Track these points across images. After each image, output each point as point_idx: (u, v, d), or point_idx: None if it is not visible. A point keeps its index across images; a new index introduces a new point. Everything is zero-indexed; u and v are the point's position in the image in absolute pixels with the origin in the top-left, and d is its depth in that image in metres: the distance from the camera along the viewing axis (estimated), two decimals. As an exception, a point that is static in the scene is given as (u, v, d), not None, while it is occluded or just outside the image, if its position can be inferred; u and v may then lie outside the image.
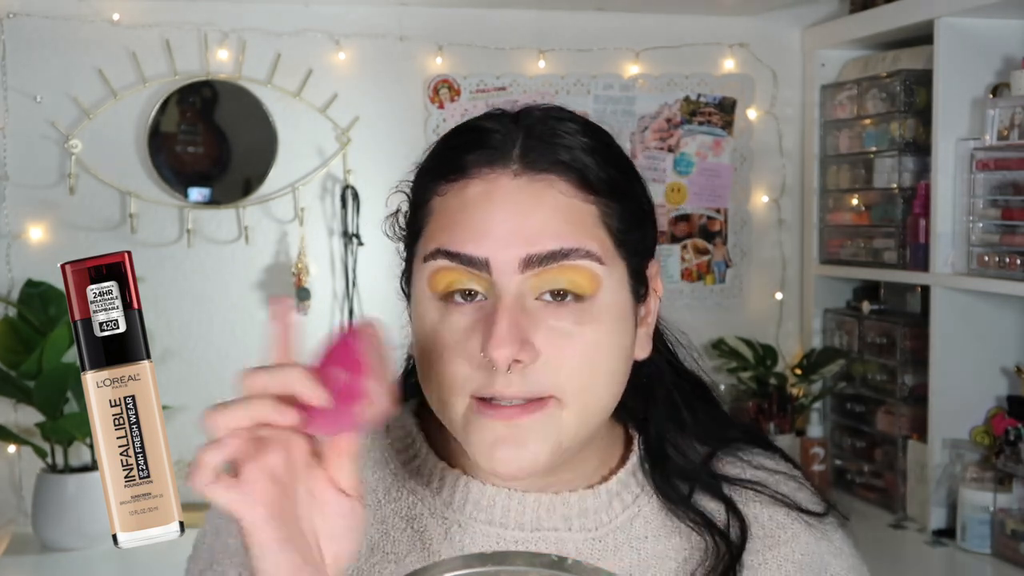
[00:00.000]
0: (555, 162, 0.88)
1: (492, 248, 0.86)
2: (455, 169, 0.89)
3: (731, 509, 0.97)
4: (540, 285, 0.86)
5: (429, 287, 0.89)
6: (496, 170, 0.88)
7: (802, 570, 0.97)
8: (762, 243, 3.19)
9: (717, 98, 3.13)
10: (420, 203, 0.93)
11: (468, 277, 0.87)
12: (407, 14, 2.95)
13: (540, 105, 0.93)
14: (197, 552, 1.00)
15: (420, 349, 0.91)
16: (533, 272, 0.86)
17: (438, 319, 0.88)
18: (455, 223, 0.88)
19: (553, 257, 0.86)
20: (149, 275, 2.84)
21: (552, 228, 0.86)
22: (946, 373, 2.61)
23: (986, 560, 2.46)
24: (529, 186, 0.87)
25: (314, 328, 2.92)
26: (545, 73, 3.02)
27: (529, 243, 0.85)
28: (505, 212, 0.86)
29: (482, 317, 0.86)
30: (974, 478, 2.50)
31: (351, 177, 2.92)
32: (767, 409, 2.99)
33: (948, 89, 2.57)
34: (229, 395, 2.50)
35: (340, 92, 2.91)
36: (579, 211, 0.88)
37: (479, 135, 0.90)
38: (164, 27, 2.83)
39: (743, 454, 1.02)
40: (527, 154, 0.88)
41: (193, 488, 0.75)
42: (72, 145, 2.78)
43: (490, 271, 0.86)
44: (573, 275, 0.86)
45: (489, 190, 0.87)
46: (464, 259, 0.86)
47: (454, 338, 0.87)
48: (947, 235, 2.59)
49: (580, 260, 0.86)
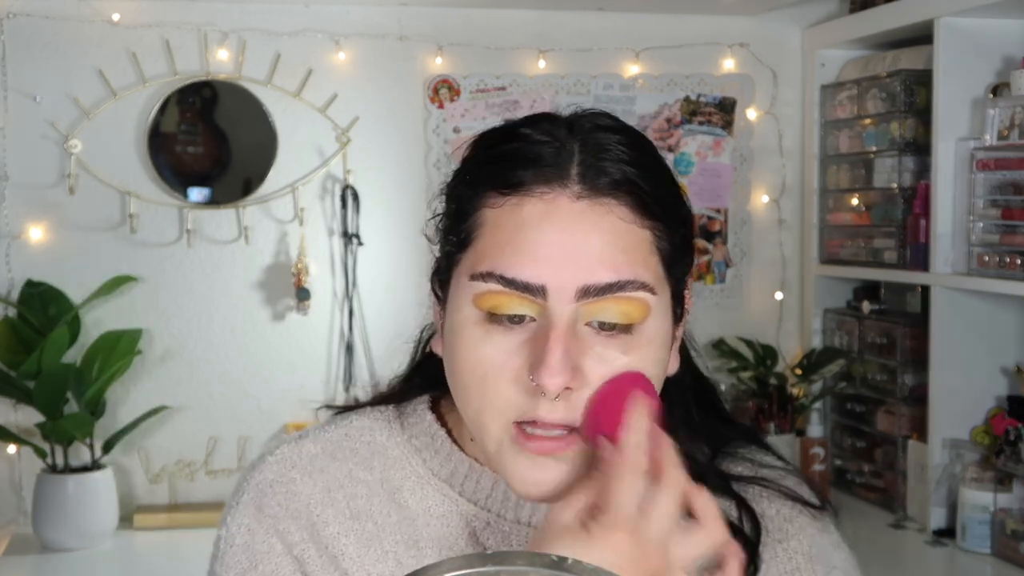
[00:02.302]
0: (614, 184, 0.86)
1: (549, 275, 0.84)
2: (510, 183, 0.87)
3: (742, 506, 0.98)
4: (592, 313, 0.85)
5: (475, 304, 0.87)
6: (554, 189, 0.85)
7: (811, 561, 0.98)
8: (762, 243, 3.19)
9: (717, 98, 3.13)
10: (467, 211, 0.90)
11: (520, 302, 0.85)
12: (407, 14, 2.95)
13: (588, 112, 0.91)
14: (227, 554, 0.97)
15: (457, 362, 0.89)
16: (587, 301, 0.85)
17: (482, 337, 0.87)
18: (510, 245, 0.85)
19: (610, 288, 0.85)
20: (149, 275, 2.84)
21: (609, 257, 0.85)
22: (946, 373, 2.61)
23: (986, 560, 2.46)
24: (590, 210, 0.85)
25: (314, 328, 2.92)
26: (545, 73, 3.02)
27: (588, 273, 0.84)
28: (564, 237, 0.84)
29: (529, 339, 0.85)
30: (974, 478, 2.50)
31: (351, 177, 2.92)
32: (767, 409, 2.98)
33: (948, 89, 2.57)
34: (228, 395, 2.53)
35: (340, 92, 2.91)
36: (636, 237, 0.86)
37: (533, 147, 0.88)
38: (164, 27, 2.83)
39: (745, 453, 1.03)
40: (586, 173, 0.86)
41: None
42: (72, 145, 2.77)
43: (545, 297, 0.84)
44: (626, 306, 0.85)
45: (548, 211, 0.85)
46: (519, 285, 0.84)
47: (499, 359, 0.86)
48: (947, 235, 2.58)
49: (635, 292, 0.85)
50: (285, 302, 2.90)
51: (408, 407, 1.02)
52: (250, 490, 0.98)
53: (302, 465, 0.98)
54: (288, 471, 0.98)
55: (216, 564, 0.98)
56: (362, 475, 0.98)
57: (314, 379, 2.92)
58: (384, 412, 1.03)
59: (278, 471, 0.98)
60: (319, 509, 0.96)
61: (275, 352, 2.91)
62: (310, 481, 0.97)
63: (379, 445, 1.00)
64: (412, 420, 1.01)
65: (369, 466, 0.99)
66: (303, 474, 0.98)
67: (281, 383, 2.91)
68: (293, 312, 2.90)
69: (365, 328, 2.93)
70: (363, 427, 1.01)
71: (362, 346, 2.93)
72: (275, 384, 2.91)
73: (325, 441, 1.00)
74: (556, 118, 0.91)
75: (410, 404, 1.02)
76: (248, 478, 1.00)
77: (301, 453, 0.99)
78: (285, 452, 1.00)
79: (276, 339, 2.91)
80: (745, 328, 3.14)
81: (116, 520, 2.67)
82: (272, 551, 0.95)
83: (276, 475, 0.98)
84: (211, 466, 2.86)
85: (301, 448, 1.00)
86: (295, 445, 1.00)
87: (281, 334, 2.91)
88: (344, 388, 2.91)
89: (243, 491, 0.99)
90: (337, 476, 0.98)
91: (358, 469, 0.98)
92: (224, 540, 0.98)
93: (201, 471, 2.86)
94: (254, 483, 0.98)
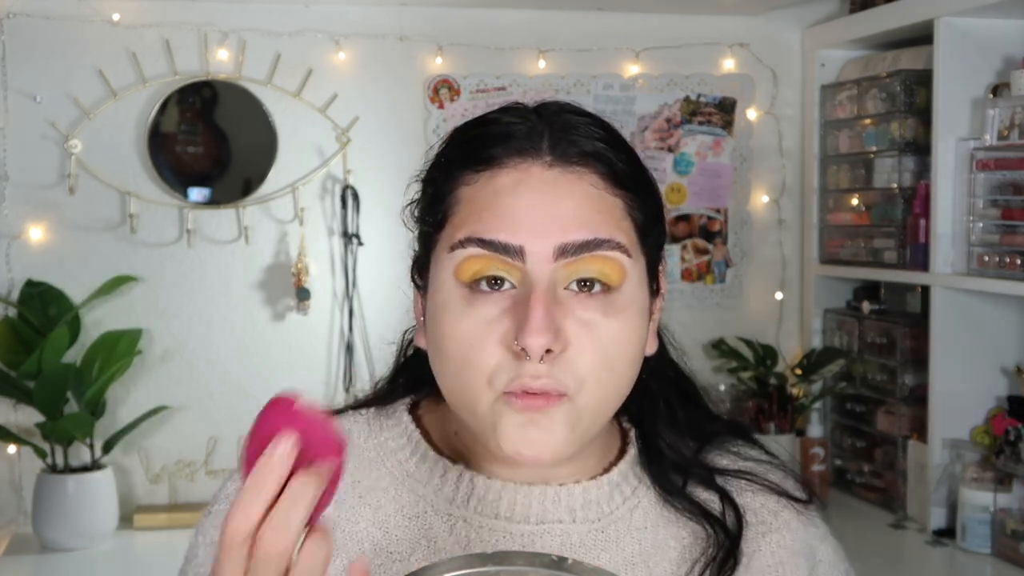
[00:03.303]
0: (584, 154, 0.89)
1: (526, 236, 0.86)
2: (484, 159, 0.90)
3: (725, 498, 0.99)
4: (571, 274, 0.87)
5: (456, 275, 0.88)
6: (527, 160, 0.89)
7: (794, 555, 0.99)
8: (762, 243, 3.19)
9: (717, 98, 3.13)
10: (443, 193, 0.92)
11: (500, 264, 0.87)
12: (407, 14, 2.95)
13: (554, 100, 0.95)
14: (190, 564, 0.99)
15: (441, 340, 0.90)
16: (566, 261, 0.87)
17: (464, 308, 0.88)
18: (487, 211, 0.88)
19: (586, 246, 0.87)
20: (149, 275, 2.84)
21: (585, 218, 0.87)
22: (946, 373, 2.61)
23: (986, 560, 2.46)
24: (562, 177, 0.88)
25: (314, 328, 2.92)
26: (545, 73, 3.02)
27: (564, 232, 0.86)
28: (539, 200, 0.87)
29: (511, 305, 0.87)
30: (974, 478, 2.50)
31: (351, 177, 2.92)
32: (767, 409, 2.99)
33: (948, 89, 2.57)
34: (228, 395, 2.52)
35: (340, 92, 2.91)
36: (608, 203, 0.89)
37: (504, 127, 0.91)
38: (164, 27, 2.83)
39: (730, 446, 1.04)
40: (556, 146, 0.89)
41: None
42: (72, 145, 2.78)
43: (524, 259, 0.86)
44: (603, 266, 0.87)
45: (522, 179, 0.88)
46: (498, 246, 0.86)
47: (482, 327, 0.87)
48: (947, 235, 2.59)
49: (611, 251, 0.88)
50: (285, 302, 2.90)
51: (388, 409, 1.03)
52: (222, 500, 0.99)
53: None
54: None
55: (185, 564, 0.99)
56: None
57: (314, 379, 2.92)
58: (364, 415, 1.03)
59: None
60: None
61: (275, 352, 2.91)
62: None
63: (356, 447, 1.00)
64: (391, 422, 1.02)
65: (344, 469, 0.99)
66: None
67: (281, 383, 2.90)
68: (293, 312, 2.90)
69: (365, 328, 2.93)
70: (342, 430, 1.01)
71: (362, 346, 2.93)
72: (275, 384, 2.89)
73: None
74: (524, 105, 0.94)
75: (391, 406, 1.03)
76: (225, 486, 1.00)
77: None
78: None
79: (276, 339, 2.91)
80: (745, 328, 3.14)
81: (116, 520, 2.67)
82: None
83: None
84: (211, 466, 2.86)
85: None
86: None
87: (281, 334, 2.91)
88: (344, 388, 2.91)
89: (216, 500, 1.00)
90: None
91: None
92: (191, 547, 0.99)
93: (201, 471, 2.86)
94: (226, 493, 0.99)
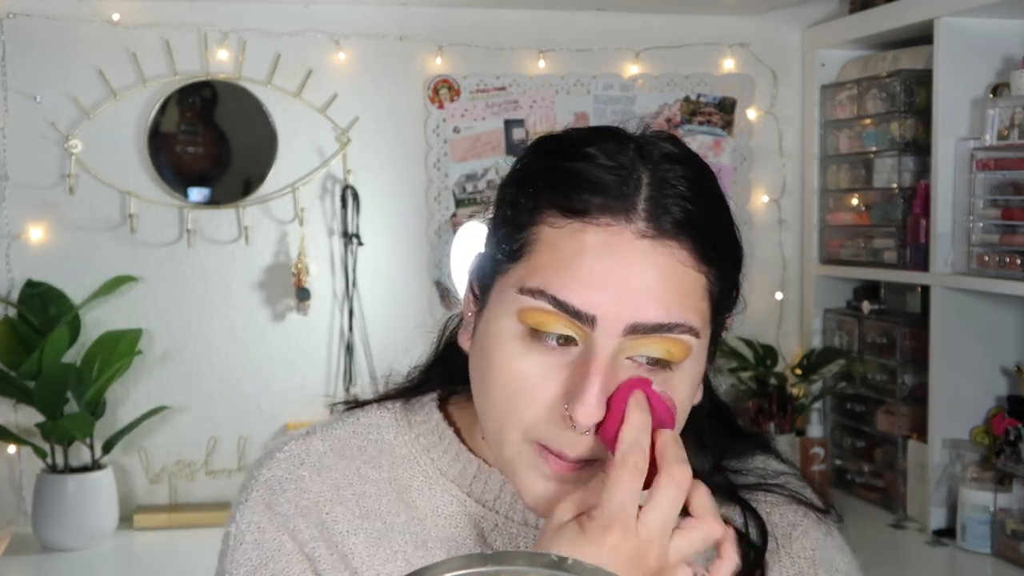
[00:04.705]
0: (678, 225, 0.85)
1: (601, 306, 0.83)
2: (574, 208, 0.85)
3: (748, 511, 0.98)
4: (635, 348, 0.85)
5: (519, 318, 0.86)
6: (619, 222, 0.84)
7: (814, 565, 0.99)
8: (762, 243, 3.19)
9: (717, 98, 3.13)
10: (524, 223, 0.88)
11: (567, 325, 0.84)
12: (407, 14, 2.95)
13: (655, 136, 0.89)
14: (237, 551, 0.96)
15: (488, 370, 0.88)
16: (635, 337, 0.84)
17: (520, 353, 0.86)
18: (566, 269, 0.84)
19: (659, 329, 0.84)
20: (149, 275, 2.84)
21: (663, 299, 0.84)
22: (946, 373, 2.61)
23: (986, 560, 2.46)
24: (652, 249, 0.84)
25: (314, 328, 2.92)
26: (545, 73, 3.02)
27: (639, 311, 0.83)
28: (623, 271, 0.83)
29: (568, 365, 0.85)
30: (974, 478, 2.50)
31: (351, 177, 2.92)
32: (767, 409, 2.98)
33: (948, 89, 2.57)
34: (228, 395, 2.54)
35: (340, 92, 2.91)
36: (692, 281, 0.86)
37: (599, 171, 0.86)
38: (164, 27, 2.83)
39: (749, 458, 1.04)
40: (652, 211, 0.84)
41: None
42: (72, 145, 2.77)
43: (593, 327, 0.84)
44: (671, 346, 0.85)
45: (610, 243, 0.84)
46: (570, 310, 0.84)
47: (534, 379, 0.85)
48: (947, 235, 2.58)
49: (681, 335, 0.85)
50: (285, 302, 2.90)
51: (416, 404, 1.02)
52: (259, 487, 0.98)
53: (311, 462, 0.98)
54: (297, 468, 0.98)
55: (226, 560, 0.97)
56: (371, 473, 0.98)
57: (314, 379, 2.92)
58: (391, 409, 1.02)
59: (287, 468, 0.98)
60: (328, 507, 0.96)
61: (275, 352, 2.91)
62: (319, 479, 0.97)
63: (386, 443, 0.99)
64: (419, 418, 1.01)
65: (377, 464, 0.99)
66: (312, 471, 0.97)
67: (281, 383, 2.91)
68: (293, 312, 2.90)
69: (365, 328, 2.93)
70: (370, 424, 1.01)
71: (362, 346, 2.93)
72: (275, 384, 2.91)
73: (333, 439, 1.00)
74: (623, 138, 0.89)
75: (417, 401, 1.02)
76: (257, 474, 0.99)
77: (309, 450, 0.99)
78: (293, 449, 0.99)
79: (276, 339, 2.91)
80: (745, 328, 3.13)
81: (116, 520, 2.67)
82: (282, 549, 0.95)
83: (285, 472, 0.98)
84: (211, 466, 2.86)
85: (309, 445, 0.99)
86: (303, 442, 1.00)
87: (281, 334, 2.91)
88: (344, 388, 2.91)
89: (252, 487, 0.98)
90: (346, 474, 0.98)
91: (366, 467, 0.98)
92: (234, 537, 0.97)
93: (201, 471, 2.86)
94: (263, 480, 0.98)
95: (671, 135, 0.90)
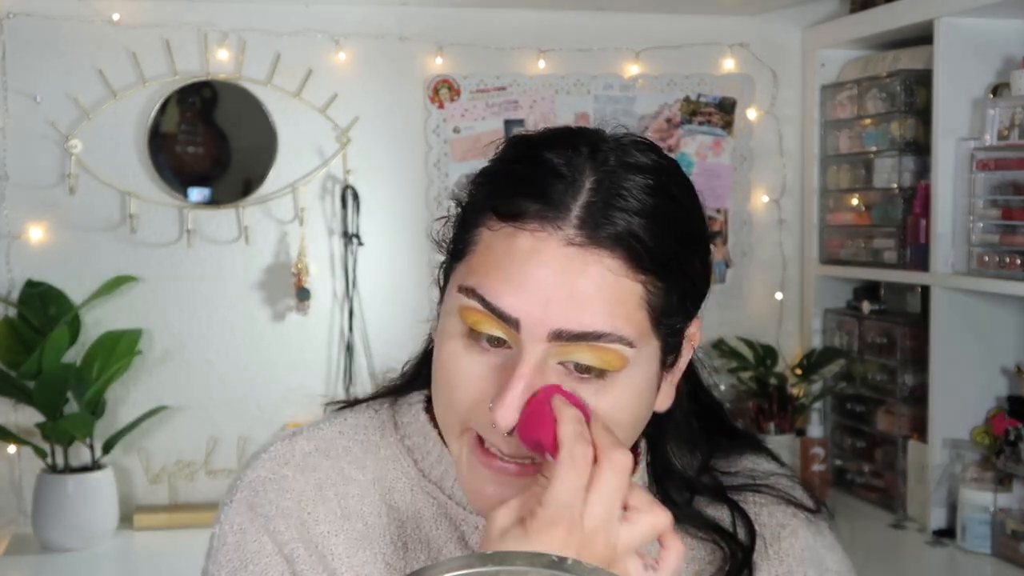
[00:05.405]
0: (611, 235, 0.84)
1: (525, 311, 0.84)
2: (509, 212, 0.86)
3: (736, 511, 0.98)
4: (564, 354, 0.85)
5: (460, 315, 0.87)
6: (547, 229, 0.84)
7: (802, 564, 0.99)
8: (762, 243, 3.19)
9: (717, 98, 3.13)
10: (469, 224, 0.90)
11: (497, 327, 0.85)
12: (407, 14, 2.95)
13: (620, 142, 0.88)
14: (220, 552, 0.97)
15: (438, 367, 0.91)
16: (560, 344, 0.84)
17: (461, 351, 0.88)
18: (496, 271, 0.85)
19: (584, 337, 0.84)
20: (149, 275, 2.84)
21: (590, 308, 0.83)
22: (946, 373, 2.61)
23: (986, 560, 2.46)
24: (579, 255, 0.84)
25: (314, 328, 2.92)
26: (545, 73, 3.02)
27: (563, 318, 0.83)
28: (548, 278, 0.83)
29: (501, 365, 0.86)
30: (974, 478, 2.50)
31: (351, 177, 2.92)
32: (767, 409, 2.98)
33: (948, 89, 2.57)
34: (228, 395, 2.54)
35: (340, 92, 2.91)
36: (623, 291, 0.85)
37: (544, 176, 0.86)
38: (164, 27, 2.83)
39: (742, 460, 1.03)
40: (586, 220, 0.84)
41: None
42: (72, 145, 2.77)
43: (519, 331, 0.84)
44: (603, 355, 0.85)
45: (537, 249, 0.84)
46: (496, 311, 0.85)
47: (470, 379, 0.87)
48: (947, 235, 2.58)
49: (611, 344, 0.84)
50: (285, 302, 2.90)
51: (403, 404, 1.02)
52: (243, 488, 0.98)
53: (295, 462, 0.98)
54: (280, 468, 0.98)
55: (209, 562, 0.98)
56: (355, 474, 0.98)
57: (314, 379, 2.92)
58: (380, 410, 1.03)
59: (271, 468, 0.98)
60: (310, 507, 0.96)
61: (275, 352, 2.91)
62: (302, 478, 0.97)
63: (372, 444, 0.99)
64: (406, 419, 1.01)
65: (362, 465, 0.98)
66: (296, 471, 0.97)
67: (281, 383, 2.91)
68: (293, 312, 2.90)
69: (365, 328, 2.93)
70: (357, 425, 1.01)
71: (362, 346, 2.93)
72: (275, 384, 2.91)
73: (319, 439, 1.00)
74: (581, 140, 0.88)
75: (405, 401, 1.02)
76: (242, 476, 0.99)
77: (294, 450, 0.99)
78: (279, 449, 0.99)
79: (276, 339, 2.91)
80: (745, 328, 3.14)
81: (116, 520, 2.67)
82: (262, 551, 0.94)
83: (269, 472, 0.98)
84: (211, 466, 2.86)
85: (295, 445, 0.99)
86: (289, 442, 1.00)
87: (281, 334, 2.91)
88: (344, 388, 2.91)
89: (237, 489, 0.98)
90: (329, 474, 0.97)
91: (351, 468, 0.98)
92: (217, 538, 0.97)
93: (201, 471, 2.86)
94: (247, 481, 0.98)
95: (649, 143, 0.90)
